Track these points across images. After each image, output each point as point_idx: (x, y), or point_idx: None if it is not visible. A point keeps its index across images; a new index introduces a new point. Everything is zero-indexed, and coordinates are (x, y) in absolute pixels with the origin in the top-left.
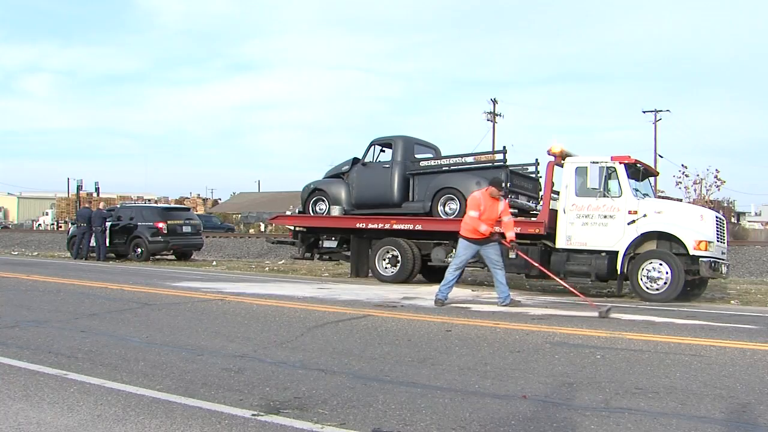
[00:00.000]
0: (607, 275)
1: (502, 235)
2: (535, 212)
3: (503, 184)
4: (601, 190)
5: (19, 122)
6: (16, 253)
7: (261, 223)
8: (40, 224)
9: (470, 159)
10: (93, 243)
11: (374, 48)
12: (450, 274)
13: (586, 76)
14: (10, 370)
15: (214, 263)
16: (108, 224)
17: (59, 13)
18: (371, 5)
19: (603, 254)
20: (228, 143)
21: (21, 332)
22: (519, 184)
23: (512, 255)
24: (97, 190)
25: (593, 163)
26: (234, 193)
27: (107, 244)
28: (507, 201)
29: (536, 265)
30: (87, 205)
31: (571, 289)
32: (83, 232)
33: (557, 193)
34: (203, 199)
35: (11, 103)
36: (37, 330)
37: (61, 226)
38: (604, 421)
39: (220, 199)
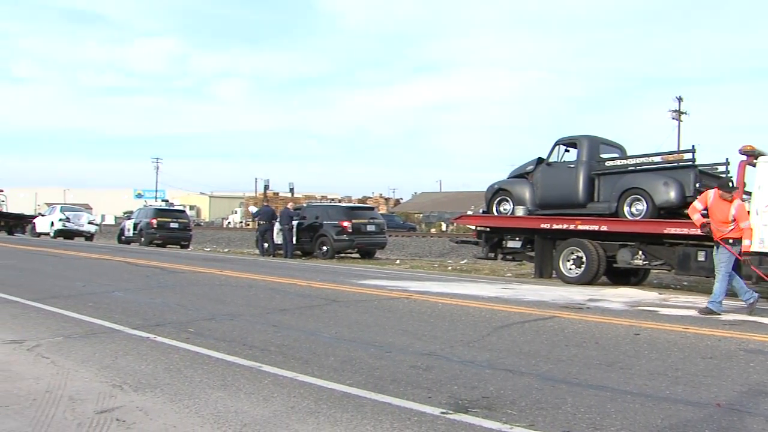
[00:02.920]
0: None
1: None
2: None
3: (729, 183)
4: None
5: (212, 125)
6: (208, 249)
7: (442, 223)
8: (229, 222)
9: (657, 158)
10: (278, 240)
11: (559, 47)
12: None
13: None
14: (208, 360)
15: (398, 262)
16: (295, 223)
17: (249, 21)
18: (557, 4)
19: None
20: (411, 143)
21: (217, 325)
22: (708, 185)
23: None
24: (291, 190)
25: None
26: (416, 193)
27: (294, 242)
28: (740, 205)
29: (763, 275)
30: (266, 203)
31: None
32: (265, 229)
33: (749, 193)
34: (385, 199)
35: (205, 107)
36: (231, 323)
37: (248, 224)
38: None
39: (401, 199)
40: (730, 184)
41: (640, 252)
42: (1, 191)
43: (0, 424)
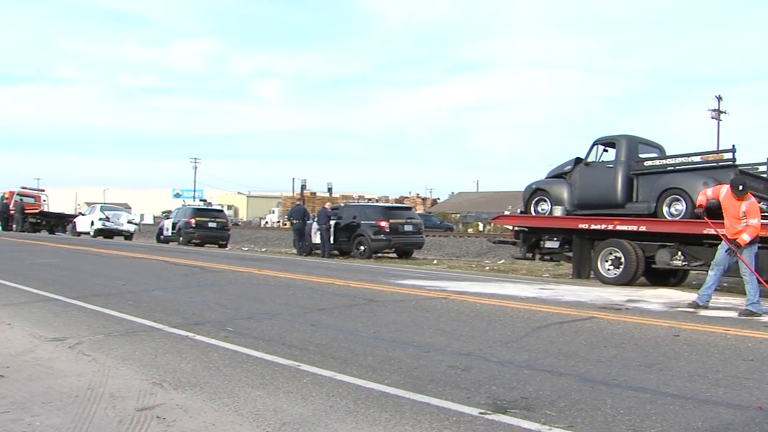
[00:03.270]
0: None
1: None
2: (766, 214)
3: (738, 186)
4: None
5: (250, 125)
6: (246, 249)
7: (480, 223)
8: (267, 222)
9: (697, 158)
10: (316, 240)
11: (596, 46)
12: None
13: None
14: (247, 359)
15: (435, 262)
16: (332, 222)
17: (287, 21)
18: (594, 2)
19: None
20: (447, 143)
21: (256, 324)
22: (749, 185)
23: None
24: (329, 190)
25: None
26: (453, 193)
27: (331, 242)
28: (752, 202)
29: (755, 273)
30: (299, 202)
31: None
32: (298, 228)
33: None
34: (422, 199)
35: (243, 107)
36: (270, 322)
37: (286, 224)
38: None
39: (438, 199)
40: (740, 187)
41: (680, 253)
42: (42, 191)
43: (43, 420)
